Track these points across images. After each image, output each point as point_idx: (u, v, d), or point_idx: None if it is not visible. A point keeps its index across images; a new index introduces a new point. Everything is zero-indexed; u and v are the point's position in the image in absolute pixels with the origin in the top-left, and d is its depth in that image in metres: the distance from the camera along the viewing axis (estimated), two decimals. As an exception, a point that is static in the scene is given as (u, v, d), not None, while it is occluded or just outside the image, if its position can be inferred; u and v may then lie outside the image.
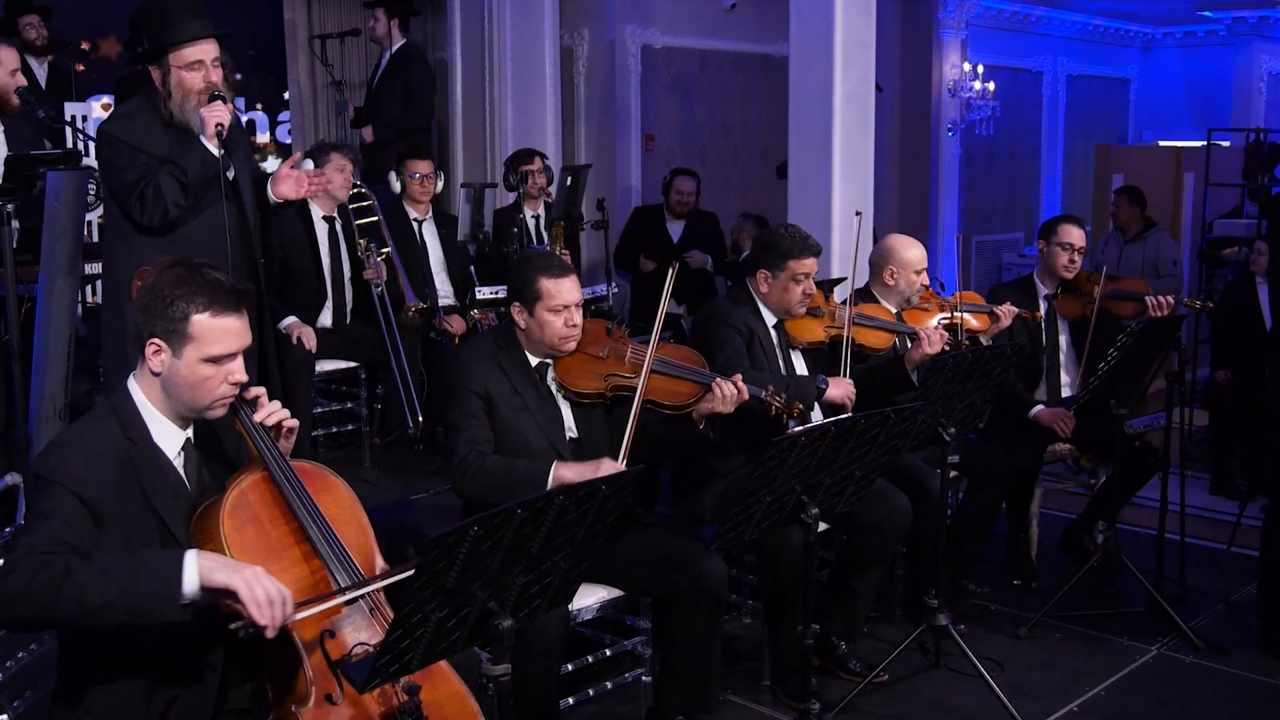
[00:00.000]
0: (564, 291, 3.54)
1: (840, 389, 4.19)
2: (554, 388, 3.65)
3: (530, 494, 3.27)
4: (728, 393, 3.57)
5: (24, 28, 6.44)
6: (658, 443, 3.76)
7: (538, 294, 3.54)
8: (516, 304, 3.60)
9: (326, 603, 2.48)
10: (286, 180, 4.32)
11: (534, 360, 3.65)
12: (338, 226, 5.70)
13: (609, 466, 3.41)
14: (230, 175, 4.14)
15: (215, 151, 4.01)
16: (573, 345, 3.61)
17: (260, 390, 2.68)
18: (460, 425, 3.53)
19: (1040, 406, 4.94)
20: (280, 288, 5.56)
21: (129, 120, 4.12)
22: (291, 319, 5.41)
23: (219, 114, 4.00)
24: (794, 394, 4.09)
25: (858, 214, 4.68)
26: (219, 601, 2.34)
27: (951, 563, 4.59)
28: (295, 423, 2.72)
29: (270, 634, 2.32)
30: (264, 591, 2.30)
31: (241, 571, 2.31)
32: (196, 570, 2.29)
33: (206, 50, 4.07)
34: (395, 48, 7.24)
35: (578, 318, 3.58)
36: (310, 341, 5.36)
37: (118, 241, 4.18)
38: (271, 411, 2.67)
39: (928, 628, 4.05)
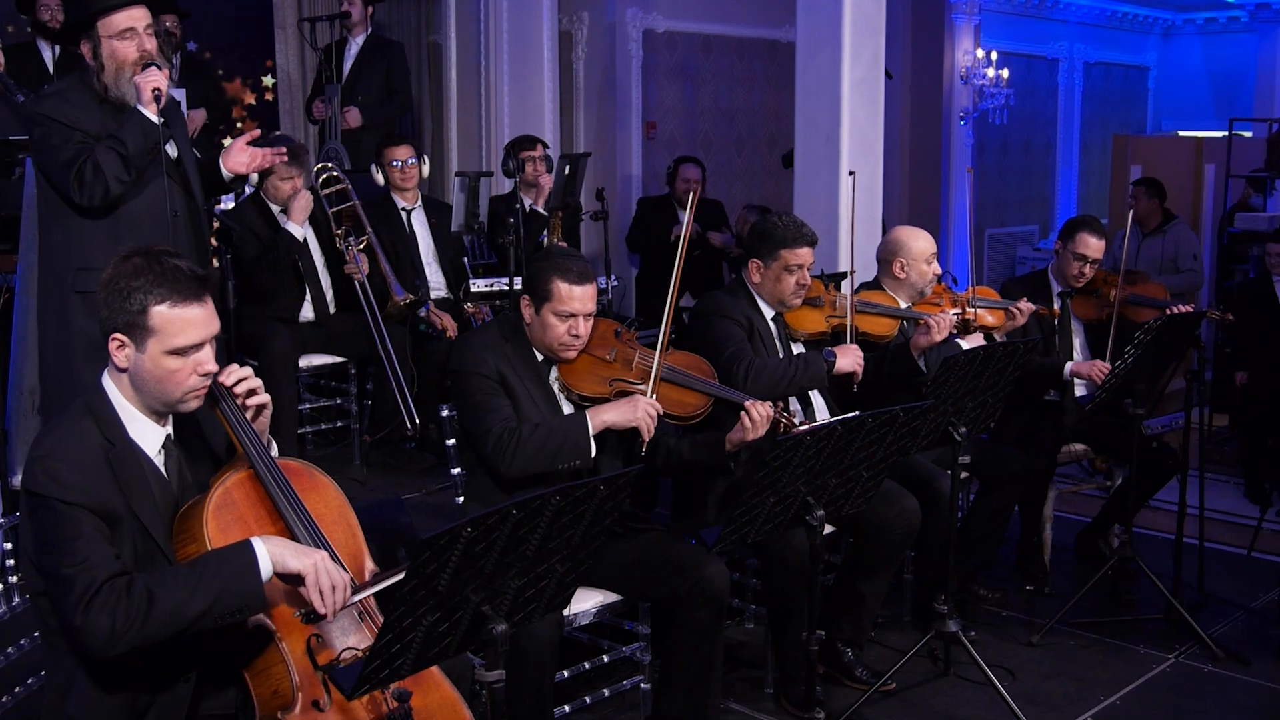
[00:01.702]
0: (574, 299, 3.51)
1: (849, 358, 4.20)
2: (556, 387, 3.64)
3: (575, 449, 3.41)
4: (758, 417, 3.54)
5: (40, 9, 6.41)
6: (680, 465, 3.77)
7: (547, 294, 3.52)
8: (526, 297, 3.59)
9: (380, 584, 2.54)
10: (241, 153, 4.21)
11: (539, 357, 3.64)
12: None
13: (645, 403, 3.46)
14: (174, 154, 4.03)
15: (154, 119, 3.88)
16: (573, 354, 3.60)
17: (232, 366, 2.66)
18: (486, 406, 3.50)
19: (1070, 363, 4.95)
20: (256, 287, 5.55)
21: (61, 98, 3.99)
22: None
23: (155, 79, 3.88)
24: (804, 372, 4.10)
25: (851, 173, 4.64)
26: (274, 586, 2.44)
27: (962, 567, 4.58)
28: (265, 398, 2.68)
29: (330, 619, 2.47)
30: (328, 578, 2.42)
31: (312, 556, 2.44)
32: (269, 558, 2.40)
33: (137, 16, 3.93)
34: (368, 33, 7.28)
35: (583, 328, 3.55)
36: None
37: (55, 230, 4.04)
38: (231, 371, 2.64)
39: (937, 634, 4.05)
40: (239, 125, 8.00)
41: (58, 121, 3.92)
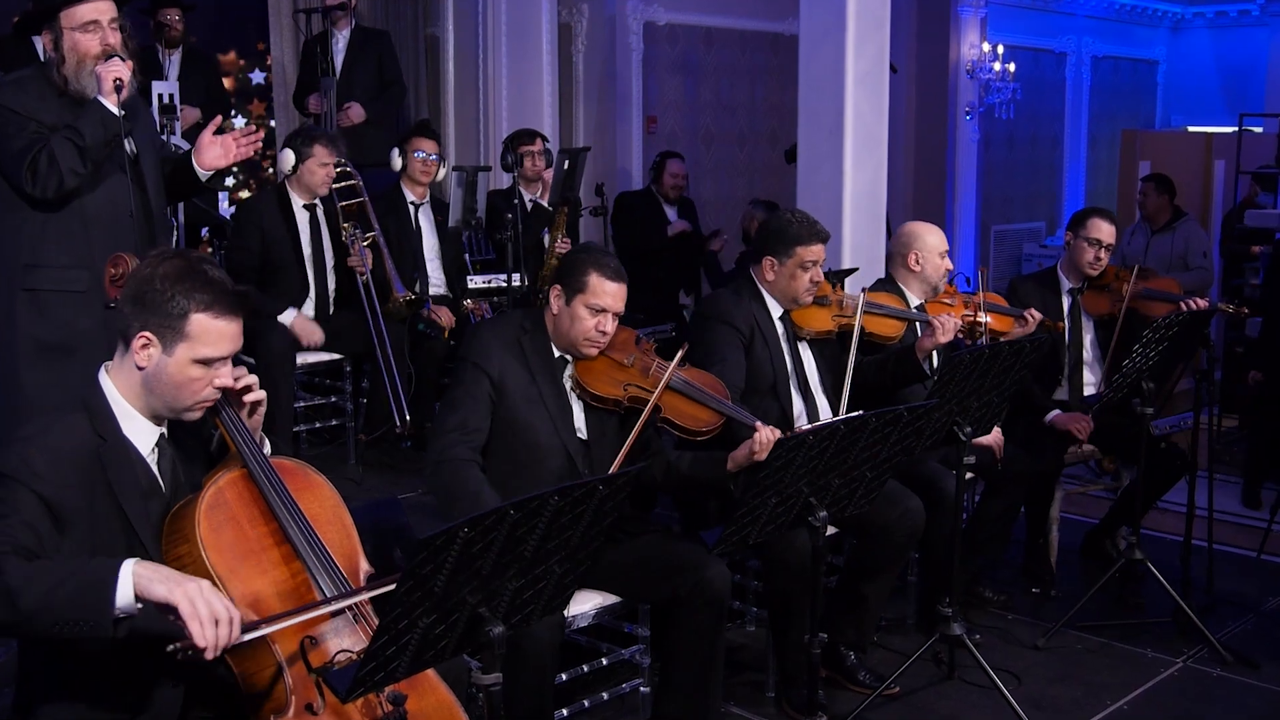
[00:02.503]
0: (608, 294, 3.53)
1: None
2: (569, 385, 3.65)
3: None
4: (767, 440, 3.50)
5: None
6: (679, 480, 3.76)
7: (582, 286, 3.53)
8: (558, 286, 3.60)
9: (288, 620, 2.42)
10: (211, 148, 4.04)
11: (556, 352, 3.65)
12: (319, 212, 5.70)
13: None
14: (132, 150, 3.93)
15: (115, 110, 3.78)
16: (594, 352, 3.62)
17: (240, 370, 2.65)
18: (458, 403, 3.51)
19: (1056, 411, 4.93)
20: (260, 278, 5.56)
21: (18, 87, 3.90)
22: (291, 314, 5.46)
23: (117, 69, 3.79)
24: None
25: (863, 291, 4.57)
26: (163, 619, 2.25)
27: (967, 569, 4.58)
28: (261, 395, 2.67)
29: (209, 656, 2.22)
30: (208, 609, 2.20)
31: (184, 585, 2.22)
32: (132, 581, 2.21)
33: (101, 9, 3.84)
34: (354, 25, 7.29)
35: (610, 326, 3.57)
36: (314, 339, 5.43)
37: (4, 223, 3.94)
38: (237, 376, 2.62)
39: (941, 637, 4.05)
40: (232, 113, 8.00)
41: (13, 111, 3.84)
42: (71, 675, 2.47)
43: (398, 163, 6.07)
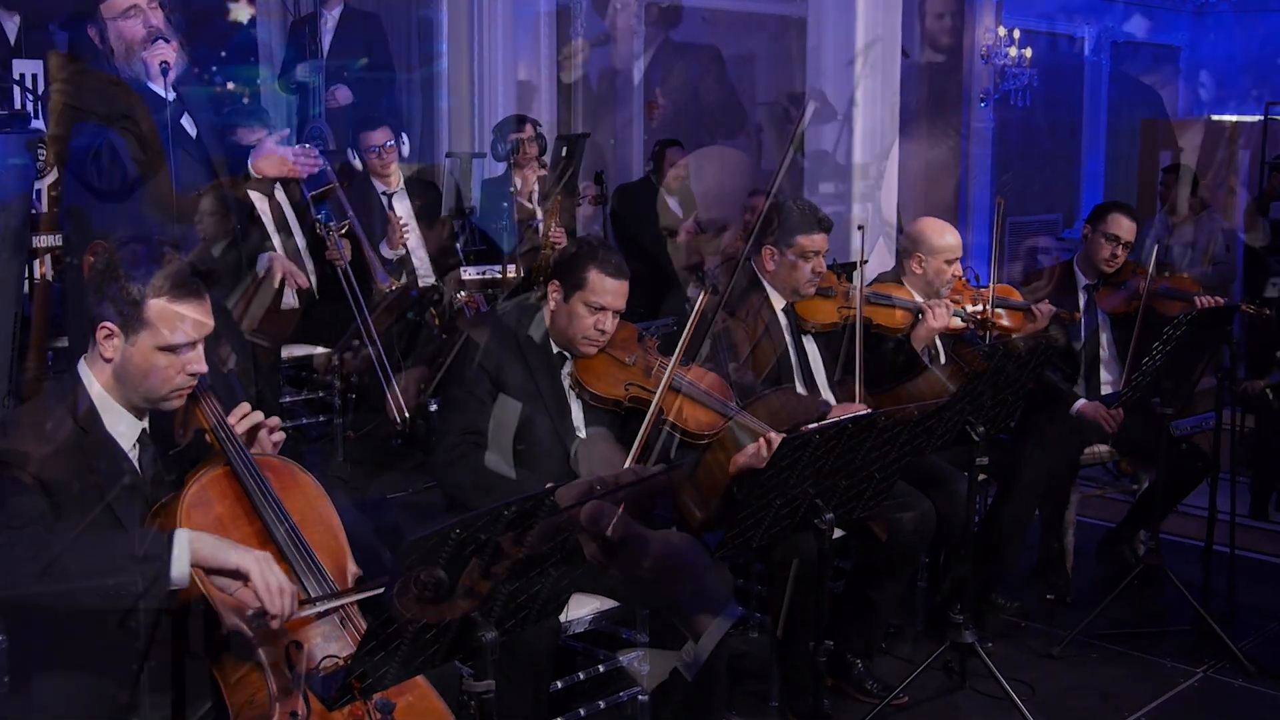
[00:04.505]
0: (608, 292, 3.55)
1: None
2: (568, 383, 3.65)
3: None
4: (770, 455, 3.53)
5: None
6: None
7: (581, 282, 3.54)
8: (556, 282, 3.61)
9: (337, 601, 2.52)
10: (271, 156, 4.35)
11: (554, 348, 3.65)
12: (280, 195, 5.67)
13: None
14: (194, 130, 4.09)
15: (164, 94, 3.97)
16: (593, 350, 3.63)
17: (240, 408, 2.70)
18: (462, 404, 3.53)
19: (1082, 400, 4.94)
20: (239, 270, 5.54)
21: (74, 82, 4.02)
22: (270, 255, 5.38)
23: (161, 52, 3.98)
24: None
25: (860, 228, 4.65)
26: (211, 594, 2.37)
27: (979, 575, 4.58)
28: (275, 421, 2.72)
29: (276, 625, 2.38)
30: (275, 578, 2.38)
31: (253, 553, 2.40)
32: (189, 550, 2.34)
33: None
34: (344, 6, 7.29)
35: (610, 325, 3.58)
36: (300, 279, 5.37)
37: (76, 209, 4.09)
38: (244, 415, 2.68)
39: (952, 645, 4.05)
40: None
41: (72, 107, 3.94)
42: (63, 676, 2.48)
43: (357, 163, 6.08)
